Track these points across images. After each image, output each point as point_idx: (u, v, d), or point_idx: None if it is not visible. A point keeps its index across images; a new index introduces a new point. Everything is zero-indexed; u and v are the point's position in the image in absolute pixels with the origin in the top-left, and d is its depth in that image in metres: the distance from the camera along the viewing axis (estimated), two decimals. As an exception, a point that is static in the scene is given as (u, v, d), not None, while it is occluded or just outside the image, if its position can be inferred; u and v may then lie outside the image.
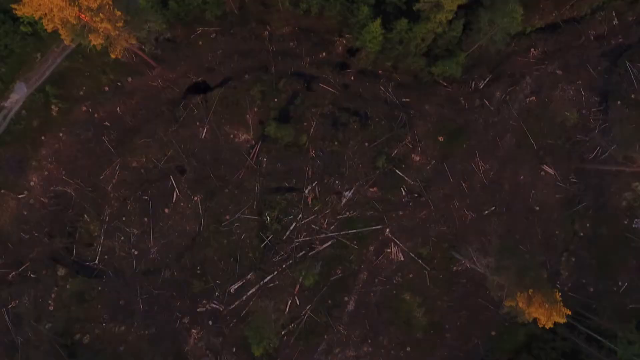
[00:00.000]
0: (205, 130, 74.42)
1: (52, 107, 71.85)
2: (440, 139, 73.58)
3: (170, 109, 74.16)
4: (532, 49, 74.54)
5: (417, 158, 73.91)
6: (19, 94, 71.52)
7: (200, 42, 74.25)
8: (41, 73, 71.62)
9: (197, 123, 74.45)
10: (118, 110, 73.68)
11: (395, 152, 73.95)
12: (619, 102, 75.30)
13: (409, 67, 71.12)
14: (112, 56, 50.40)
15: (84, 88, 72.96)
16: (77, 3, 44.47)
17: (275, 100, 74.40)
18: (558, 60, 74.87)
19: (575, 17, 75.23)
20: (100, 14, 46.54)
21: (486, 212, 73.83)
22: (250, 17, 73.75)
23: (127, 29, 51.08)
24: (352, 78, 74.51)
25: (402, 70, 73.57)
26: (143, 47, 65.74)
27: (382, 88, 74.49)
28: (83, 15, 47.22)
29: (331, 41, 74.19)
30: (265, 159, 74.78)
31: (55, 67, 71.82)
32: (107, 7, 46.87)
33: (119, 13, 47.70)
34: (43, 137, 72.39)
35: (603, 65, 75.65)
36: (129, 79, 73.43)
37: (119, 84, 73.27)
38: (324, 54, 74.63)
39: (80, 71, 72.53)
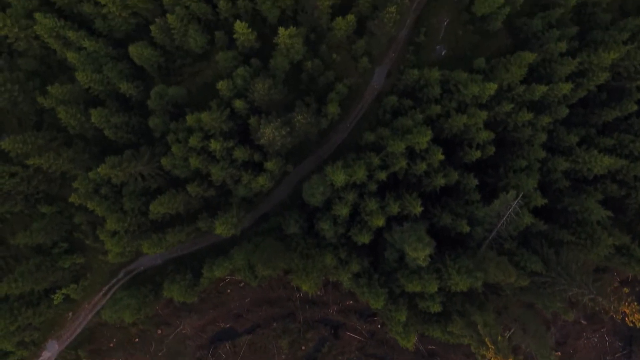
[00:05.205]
0: (233, 377, 75.40)
1: (84, 361, 72.92)
2: (467, 396, 74.35)
3: (199, 357, 74.95)
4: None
5: (444, 413, 74.72)
6: (50, 352, 72.26)
7: (229, 290, 75.07)
8: (72, 330, 72.31)
9: (225, 369, 75.45)
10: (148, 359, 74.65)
11: (422, 405, 74.86)
12: (643, 348, 76.05)
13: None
14: None
15: (115, 340, 73.94)
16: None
17: (303, 348, 75.24)
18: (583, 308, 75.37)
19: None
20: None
21: None
22: (278, 267, 74.42)
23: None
24: (379, 325, 75.21)
25: (428, 321, 74.15)
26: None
27: (409, 336, 75.14)
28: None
29: (358, 289, 74.80)
30: (292, 405, 75.80)
31: (86, 323, 72.59)
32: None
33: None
34: (74, 390, 73.45)
35: (627, 310, 76.12)
36: (159, 331, 74.36)
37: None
38: (350, 301, 75.32)
39: (111, 325, 73.29)
